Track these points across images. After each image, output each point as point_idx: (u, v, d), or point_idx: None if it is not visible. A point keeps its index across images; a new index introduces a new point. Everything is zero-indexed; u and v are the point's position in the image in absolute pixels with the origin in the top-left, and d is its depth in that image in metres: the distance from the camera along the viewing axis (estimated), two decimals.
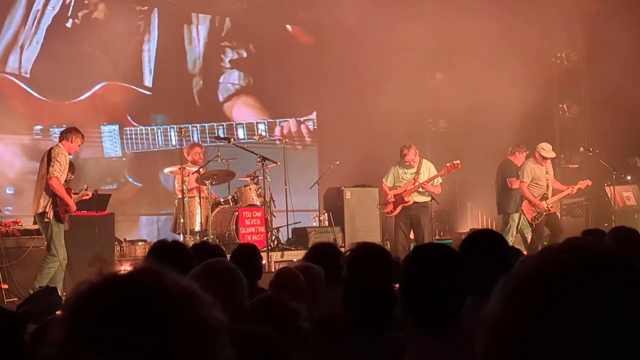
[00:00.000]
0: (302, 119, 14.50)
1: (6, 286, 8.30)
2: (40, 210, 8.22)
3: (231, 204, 10.75)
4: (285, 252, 10.56)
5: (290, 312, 2.84)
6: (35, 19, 11.94)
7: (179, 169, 10.30)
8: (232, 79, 14.03)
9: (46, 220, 8.17)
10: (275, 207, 10.84)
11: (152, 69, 13.03)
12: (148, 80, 13.05)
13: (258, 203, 10.53)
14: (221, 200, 10.85)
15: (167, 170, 11.09)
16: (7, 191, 11.40)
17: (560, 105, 13.16)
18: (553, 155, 10.30)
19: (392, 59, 12.36)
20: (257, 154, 10.58)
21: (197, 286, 1.21)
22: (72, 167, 8.59)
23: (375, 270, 3.19)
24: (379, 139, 12.01)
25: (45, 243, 8.32)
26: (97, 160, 12.31)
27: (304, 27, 14.54)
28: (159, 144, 12.94)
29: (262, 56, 13.75)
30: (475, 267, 2.73)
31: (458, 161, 10.12)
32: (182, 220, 10.12)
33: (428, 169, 10.21)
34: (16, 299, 7.96)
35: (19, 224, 8.97)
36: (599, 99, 12.07)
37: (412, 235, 10.34)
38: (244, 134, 13.66)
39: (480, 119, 12.08)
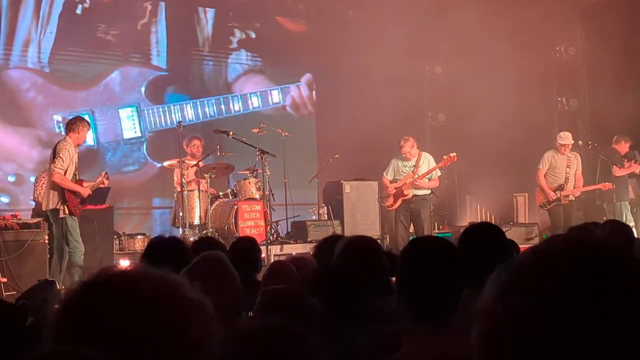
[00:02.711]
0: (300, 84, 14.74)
1: (5, 280, 8.32)
2: (51, 207, 8.24)
3: (230, 198, 10.74)
4: (285, 246, 10.57)
5: (306, 308, 2.83)
6: (47, 9, 12.19)
7: (178, 162, 10.29)
8: (239, 59, 14.30)
9: (61, 216, 8.19)
10: (274, 200, 10.84)
11: (164, 49, 13.32)
12: (160, 60, 13.34)
13: (257, 196, 10.52)
14: (220, 193, 10.85)
15: (166, 163, 11.08)
16: (31, 179, 11.41)
17: (559, 99, 13.15)
18: (569, 141, 10.41)
19: (391, 52, 12.34)
20: (256, 147, 10.56)
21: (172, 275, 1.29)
22: None
23: (362, 263, 3.16)
24: (378, 133, 11.99)
25: (58, 238, 8.27)
26: (117, 144, 12.70)
27: (301, 18, 14.51)
28: (176, 120, 13.01)
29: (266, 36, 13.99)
30: (474, 261, 2.73)
31: (454, 154, 10.14)
32: (181, 213, 10.12)
33: (427, 162, 10.20)
34: (15, 292, 7.97)
35: (18, 217, 8.97)
36: (597, 92, 12.06)
37: (411, 229, 10.34)
38: (259, 103, 14.00)
39: (480, 113, 12.06)
